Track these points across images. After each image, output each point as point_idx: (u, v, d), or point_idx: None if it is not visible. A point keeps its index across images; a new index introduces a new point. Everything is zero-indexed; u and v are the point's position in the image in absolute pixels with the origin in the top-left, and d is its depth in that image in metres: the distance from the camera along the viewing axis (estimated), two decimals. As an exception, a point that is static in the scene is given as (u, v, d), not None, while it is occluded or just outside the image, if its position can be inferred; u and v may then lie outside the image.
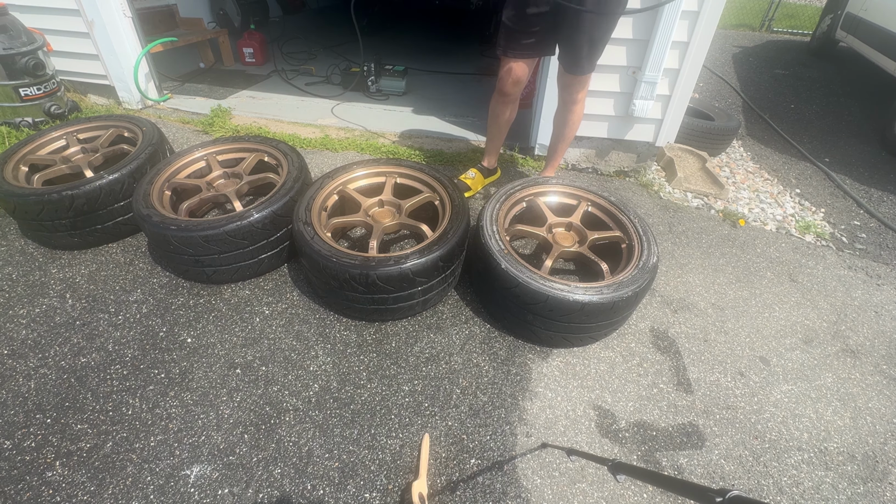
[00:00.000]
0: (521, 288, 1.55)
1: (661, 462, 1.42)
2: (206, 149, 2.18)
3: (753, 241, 2.44)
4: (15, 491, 1.22)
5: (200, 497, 1.24)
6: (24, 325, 1.67)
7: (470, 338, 1.76)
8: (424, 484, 1.26)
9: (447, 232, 1.70)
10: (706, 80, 4.87)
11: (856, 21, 4.73)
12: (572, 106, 2.23)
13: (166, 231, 1.67)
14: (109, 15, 2.95)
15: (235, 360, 1.61)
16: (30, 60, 2.63)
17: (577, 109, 2.25)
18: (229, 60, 4.48)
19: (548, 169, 2.54)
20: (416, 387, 1.56)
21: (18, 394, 1.46)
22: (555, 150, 2.46)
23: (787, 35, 7.30)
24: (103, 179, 1.89)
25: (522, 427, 1.47)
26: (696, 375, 1.69)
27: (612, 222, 1.96)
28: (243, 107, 3.51)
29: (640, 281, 1.60)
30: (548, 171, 2.54)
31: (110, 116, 2.41)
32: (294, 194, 1.87)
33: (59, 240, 1.95)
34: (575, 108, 2.23)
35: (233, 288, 1.89)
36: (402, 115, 3.54)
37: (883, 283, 2.23)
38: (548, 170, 2.54)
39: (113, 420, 1.41)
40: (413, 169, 2.08)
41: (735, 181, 3.06)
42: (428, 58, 5.11)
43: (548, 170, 2.54)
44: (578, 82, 2.10)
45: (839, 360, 1.82)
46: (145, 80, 3.31)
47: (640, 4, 2.34)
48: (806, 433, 1.54)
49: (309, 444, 1.38)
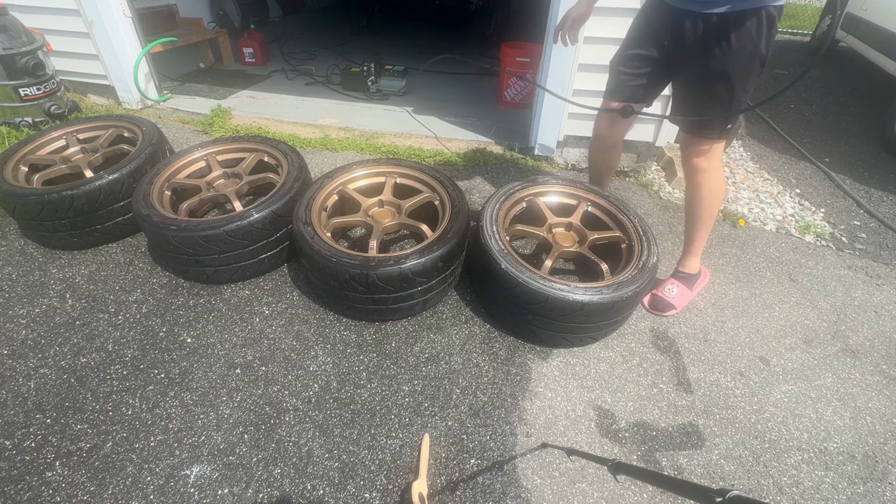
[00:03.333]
0: (521, 288, 1.55)
1: (661, 462, 1.42)
2: (206, 149, 2.18)
3: (753, 241, 2.44)
4: (15, 491, 1.22)
5: (200, 497, 1.24)
6: (23, 325, 1.67)
7: (470, 338, 1.76)
8: (424, 484, 1.26)
9: (447, 232, 1.70)
10: (706, 80, 4.86)
11: (856, 21, 4.73)
12: (695, 176, 1.73)
13: (166, 231, 1.67)
14: (109, 15, 2.95)
15: (235, 360, 1.61)
16: (30, 60, 2.63)
17: (704, 181, 1.73)
18: (229, 60, 4.48)
19: (685, 258, 1.96)
20: (416, 387, 1.56)
21: (18, 394, 1.46)
22: (688, 234, 1.91)
23: (787, 35, 7.30)
24: (103, 179, 1.89)
25: (522, 427, 1.47)
26: (696, 375, 1.69)
27: (612, 222, 1.96)
28: (243, 107, 3.51)
29: (640, 281, 1.60)
30: (686, 260, 1.96)
31: (110, 116, 2.41)
32: (294, 194, 1.87)
33: (59, 240, 1.96)
34: (699, 177, 1.72)
35: (233, 288, 1.89)
36: (402, 115, 3.54)
37: (883, 283, 2.23)
38: (686, 259, 1.96)
39: (113, 420, 1.41)
40: (413, 169, 2.08)
41: (735, 181, 3.06)
42: (428, 58, 5.09)
43: (686, 259, 1.96)
44: (701, 145, 1.65)
45: (839, 360, 1.82)
46: (145, 80, 3.31)
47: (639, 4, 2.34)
48: (806, 433, 1.54)
49: (309, 444, 1.38)
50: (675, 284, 1.95)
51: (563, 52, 2.52)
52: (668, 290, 1.93)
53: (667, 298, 1.91)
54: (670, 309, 1.91)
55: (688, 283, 1.96)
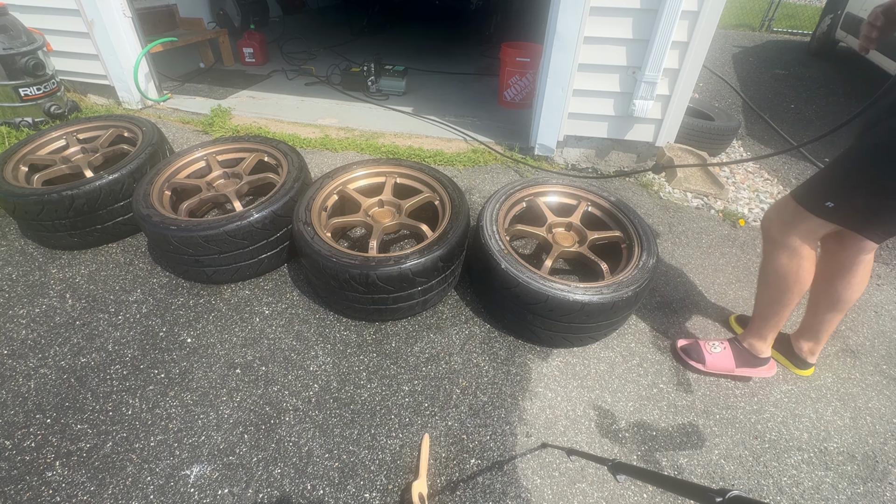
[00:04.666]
0: (521, 288, 1.55)
1: (661, 462, 1.42)
2: (205, 149, 2.18)
3: (753, 241, 2.44)
4: (15, 491, 1.22)
5: (200, 497, 1.24)
6: (24, 325, 1.67)
7: (470, 338, 1.76)
8: (424, 484, 1.26)
9: (447, 232, 1.70)
10: (706, 80, 4.86)
11: (856, 21, 4.73)
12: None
13: (166, 231, 1.67)
14: (109, 15, 2.95)
15: (235, 360, 1.61)
16: (30, 60, 2.63)
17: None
18: (229, 60, 4.48)
19: (764, 333, 1.62)
20: (416, 387, 1.56)
21: (18, 394, 1.45)
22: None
23: (787, 35, 7.30)
24: (103, 179, 1.89)
25: (522, 427, 1.47)
26: (696, 375, 1.69)
27: (612, 222, 1.96)
28: (243, 107, 3.51)
29: (639, 281, 1.60)
30: (761, 337, 1.63)
31: (110, 116, 2.41)
32: (294, 194, 1.87)
33: (59, 240, 1.95)
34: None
35: (233, 288, 1.89)
36: (402, 115, 3.54)
37: (883, 283, 2.23)
38: (762, 335, 1.62)
39: (113, 420, 1.40)
40: (413, 169, 2.08)
41: (735, 181, 3.06)
42: (428, 58, 5.10)
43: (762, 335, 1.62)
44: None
45: (839, 360, 1.82)
46: (145, 80, 3.31)
47: (639, 4, 2.35)
48: (806, 433, 1.54)
49: (309, 444, 1.38)
50: (725, 347, 1.65)
51: (563, 52, 2.53)
52: (712, 346, 1.67)
53: (704, 351, 1.64)
54: (697, 363, 1.65)
55: (741, 357, 1.63)
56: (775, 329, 1.60)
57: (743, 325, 1.86)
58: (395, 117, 3.50)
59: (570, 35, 2.47)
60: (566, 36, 2.48)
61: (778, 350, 1.75)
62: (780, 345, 1.75)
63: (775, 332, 1.61)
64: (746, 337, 1.66)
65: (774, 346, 1.73)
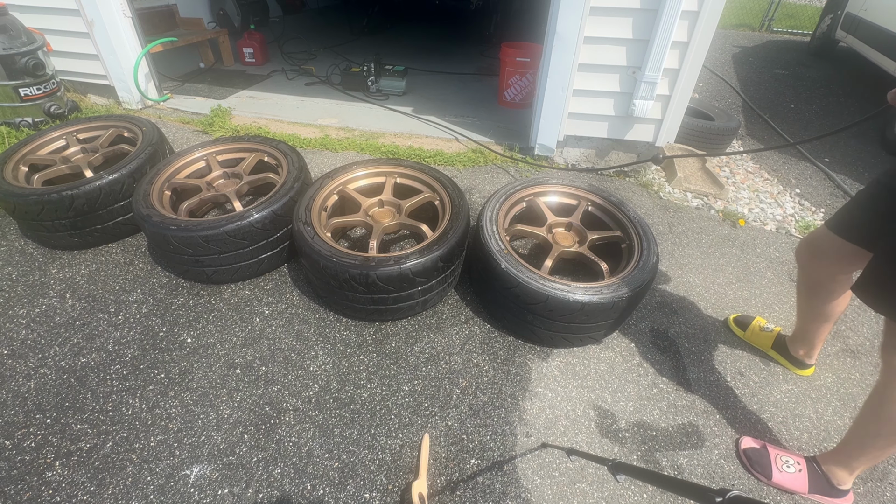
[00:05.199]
0: (521, 288, 1.55)
1: (661, 462, 1.42)
2: (205, 149, 2.18)
3: (753, 241, 2.44)
4: (15, 491, 1.22)
5: (200, 497, 1.24)
6: (24, 325, 1.67)
7: (470, 338, 1.76)
8: (424, 484, 1.26)
9: (447, 232, 1.70)
10: (706, 80, 4.86)
11: (856, 21, 4.73)
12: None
13: (166, 231, 1.67)
14: (109, 15, 2.95)
15: (235, 360, 1.61)
16: (30, 60, 2.63)
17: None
18: (229, 60, 4.48)
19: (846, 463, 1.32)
20: (416, 387, 1.56)
21: (18, 394, 1.46)
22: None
23: (787, 35, 7.29)
24: (103, 179, 1.89)
25: (522, 427, 1.47)
26: (695, 375, 1.69)
27: (612, 222, 1.96)
28: (243, 107, 3.51)
29: (639, 281, 1.60)
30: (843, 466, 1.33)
31: (110, 116, 2.41)
32: (294, 194, 1.87)
33: (59, 240, 1.95)
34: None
35: (233, 288, 1.89)
36: (402, 115, 3.54)
37: (883, 283, 2.23)
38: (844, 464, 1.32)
39: (113, 420, 1.41)
40: (413, 169, 2.08)
41: (735, 181, 3.06)
42: (428, 58, 5.10)
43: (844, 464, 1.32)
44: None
45: (839, 360, 1.82)
46: (145, 80, 3.31)
47: (639, 4, 2.35)
48: (806, 433, 1.54)
49: (309, 444, 1.38)
50: (801, 469, 1.38)
51: (563, 52, 2.53)
52: (784, 463, 1.39)
53: (773, 466, 1.39)
54: (763, 476, 1.40)
55: (816, 483, 1.36)
56: (869, 464, 1.30)
57: (742, 326, 1.85)
58: (395, 117, 3.50)
59: (570, 35, 2.47)
60: (566, 36, 2.48)
61: (777, 350, 1.75)
62: (778, 346, 1.75)
63: (867, 467, 1.32)
64: (829, 461, 1.36)
65: (773, 346, 1.74)
